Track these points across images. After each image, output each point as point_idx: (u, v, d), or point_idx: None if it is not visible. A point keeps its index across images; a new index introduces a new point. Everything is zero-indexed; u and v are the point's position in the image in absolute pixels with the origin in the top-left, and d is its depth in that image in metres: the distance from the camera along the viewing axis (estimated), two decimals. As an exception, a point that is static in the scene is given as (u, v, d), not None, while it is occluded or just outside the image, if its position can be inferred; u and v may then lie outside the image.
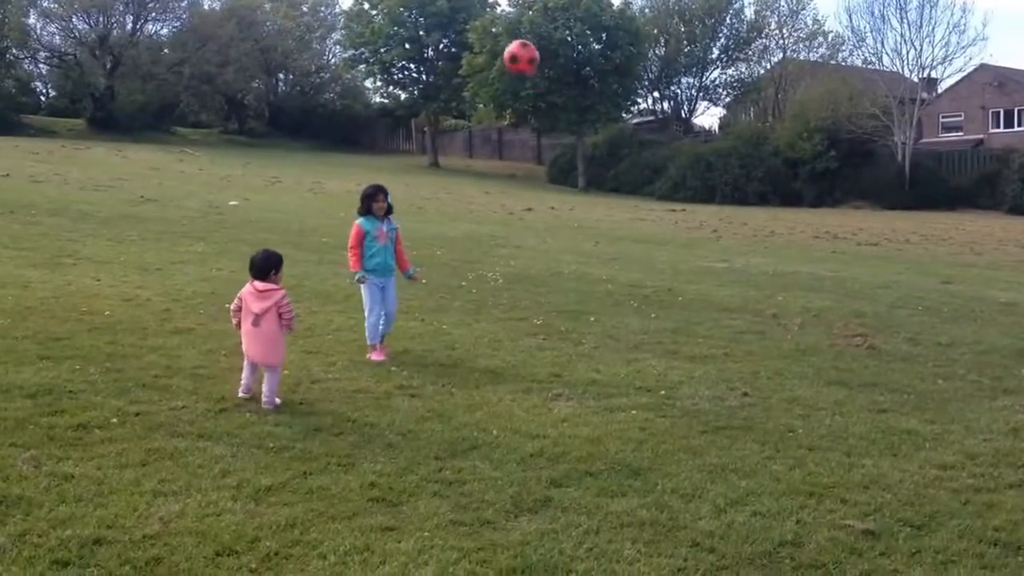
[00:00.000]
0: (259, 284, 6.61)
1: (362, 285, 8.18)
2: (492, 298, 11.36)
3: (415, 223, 20.46)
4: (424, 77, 52.19)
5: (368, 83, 60.10)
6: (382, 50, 50.63)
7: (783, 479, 5.55)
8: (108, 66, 53.00)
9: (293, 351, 7.94)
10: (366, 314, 8.15)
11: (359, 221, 8.25)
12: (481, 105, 50.06)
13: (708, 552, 4.45)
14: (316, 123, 59.46)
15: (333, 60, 63.37)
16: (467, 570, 4.08)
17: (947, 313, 12.43)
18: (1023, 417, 7.27)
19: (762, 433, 6.49)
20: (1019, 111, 50.71)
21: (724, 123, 56.84)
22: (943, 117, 52.83)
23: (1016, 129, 50.17)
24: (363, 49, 51.90)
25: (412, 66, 52.41)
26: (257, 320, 6.49)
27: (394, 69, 52.33)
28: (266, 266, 6.68)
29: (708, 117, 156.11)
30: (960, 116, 52.67)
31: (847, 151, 41.04)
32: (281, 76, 63.64)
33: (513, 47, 9.75)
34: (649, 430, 6.40)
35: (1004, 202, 38.77)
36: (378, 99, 61.08)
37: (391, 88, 55.19)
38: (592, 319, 10.44)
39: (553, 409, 6.77)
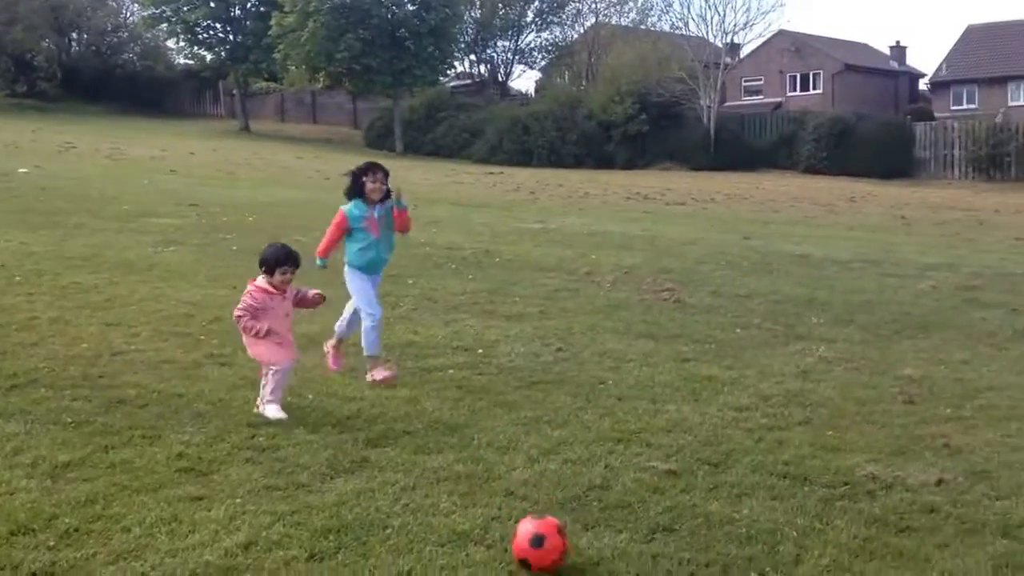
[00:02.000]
0: None
1: (348, 280, 6.76)
2: (308, 264, 11.16)
3: (226, 189, 19.87)
4: (231, 37, 50.18)
5: (171, 43, 57.29)
6: (184, 8, 48.29)
7: (593, 428, 5.80)
8: None
9: (92, 323, 7.61)
10: (362, 317, 6.68)
11: (343, 207, 6.73)
12: (293, 67, 48.64)
13: (521, 500, 4.60)
14: (115, 85, 56.15)
15: (131, 18, 59.96)
16: (281, 533, 4.07)
17: (747, 267, 13.19)
18: (812, 360, 7.87)
19: (575, 386, 6.74)
20: (814, 75, 54.02)
21: (540, 87, 57.69)
22: (745, 81, 55.55)
23: (811, 92, 53.45)
24: (164, 7, 49.32)
25: (218, 25, 50.24)
26: None
27: (198, 28, 50.00)
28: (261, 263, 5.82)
29: (524, 81, 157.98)
30: (761, 80, 55.55)
31: (657, 114, 42.50)
32: (74, 35, 59.63)
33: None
34: (466, 388, 6.53)
35: (800, 162, 41.27)
36: (182, 60, 58.36)
37: (196, 48, 52.74)
38: (410, 281, 10.47)
39: (371, 371, 6.77)
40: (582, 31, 57.41)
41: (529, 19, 56.94)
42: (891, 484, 5.06)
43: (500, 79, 58.34)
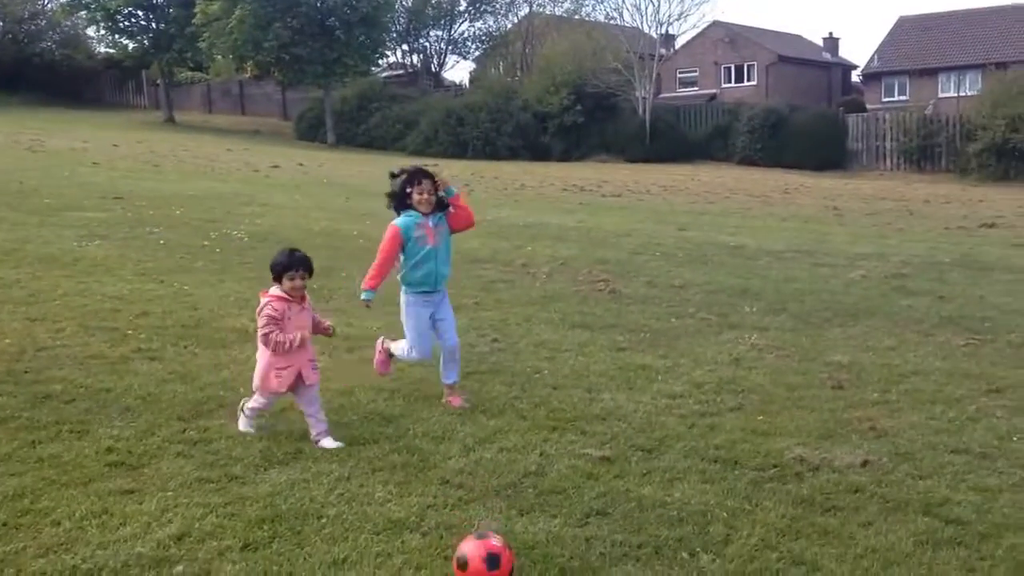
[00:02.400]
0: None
1: (403, 308, 6.09)
2: (238, 257, 11.14)
3: (152, 182, 19.58)
4: (154, 25, 49.25)
5: (91, 31, 56.04)
6: (105, -5, 47.25)
7: (528, 416, 5.92)
8: None
9: (15, 318, 7.51)
10: (406, 348, 6.13)
11: (395, 221, 5.95)
12: (219, 57, 47.99)
13: (457, 488, 4.71)
14: (33, 75, 54.64)
15: (50, 5, 58.44)
16: (214, 524, 4.11)
17: (682, 257, 13.45)
18: (744, 348, 8.10)
19: (510, 375, 6.86)
20: (748, 66, 54.90)
21: (474, 77, 57.74)
22: (680, 72, 56.28)
23: (746, 84, 54.35)
24: (83, -7, 48.22)
25: (140, 13, 49.24)
26: None
27: (119, 16, 48.93)
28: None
29: (458, 71, 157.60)
30: (695, 71, 56.32)
31: (592, 105, 42.84)
32: (-12, 23, 58.00)
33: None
34: (402, 379, 6.60)
35: (735, 153, 41.97)
36: (103, 49, 57.09)
37: (117, 37, 51.61)
38: (344, 275, 10.47)
39: (303, 364, 6.81)
40: (516, 21, 57.59)
41: (462, 8, 56.99)
42: (818, 466, 5.27)
43: (433, 69, 58.25)
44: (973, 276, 12.93)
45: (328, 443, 5.19)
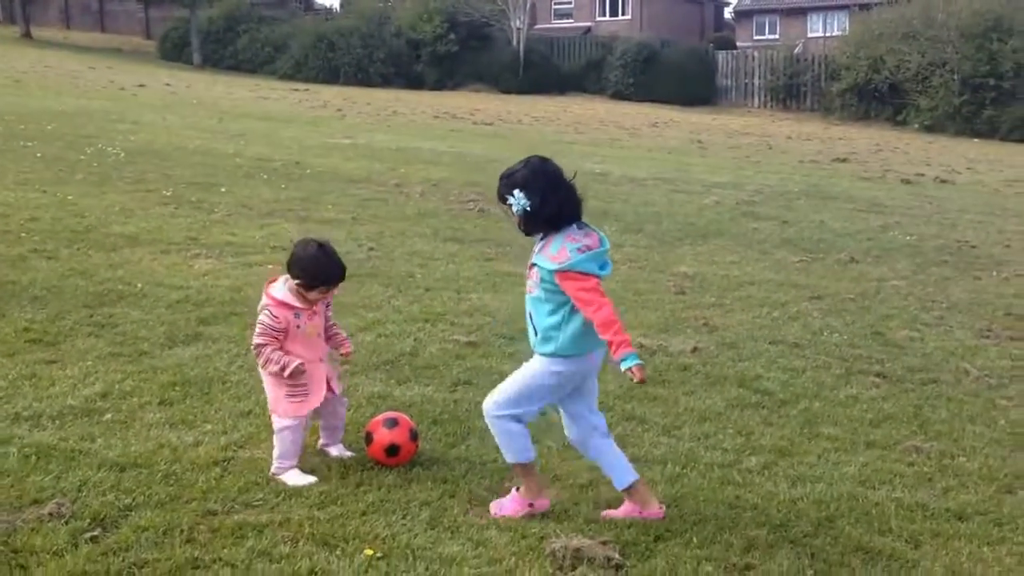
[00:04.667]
0: None
1: None
2: (116, 171, 11.47)
3: (16, 98, 19.31)
4: (2, -70, 46.93)
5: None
6: None
7: (404, 311, 6.76)
8: None
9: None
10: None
11: None
12: (75, -33, 46.04)
13: (343, 363, 5.50)
14: None
15: None
16: (132, 385, 4.83)
17: (550, 183, 14.37)
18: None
19: (386, 278, 7.67)
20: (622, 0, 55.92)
21: (345, 1, 56.96)
22: (555, 4, 56.87)
23: (620, 18, 55.38)
24: None
25: (-14, -85, 46.84)
26: None
27: (-38, -82, 46.44)
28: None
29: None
30: (571, 3, 56.97)
31: (466, 34, 43.17)
32: None
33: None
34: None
35: (608, 87, 43.11)
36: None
37: (-40, -59, 48.99)
38: (223, 190, 11.00)
39: (194, 266, 7.46)
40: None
41: (335, -73, 55.96)
42: (655, 351, 6.29)
43: (304, -9, 57.18)
44: (816, 204, 14.33)
45: (291, 478, 4.06)
